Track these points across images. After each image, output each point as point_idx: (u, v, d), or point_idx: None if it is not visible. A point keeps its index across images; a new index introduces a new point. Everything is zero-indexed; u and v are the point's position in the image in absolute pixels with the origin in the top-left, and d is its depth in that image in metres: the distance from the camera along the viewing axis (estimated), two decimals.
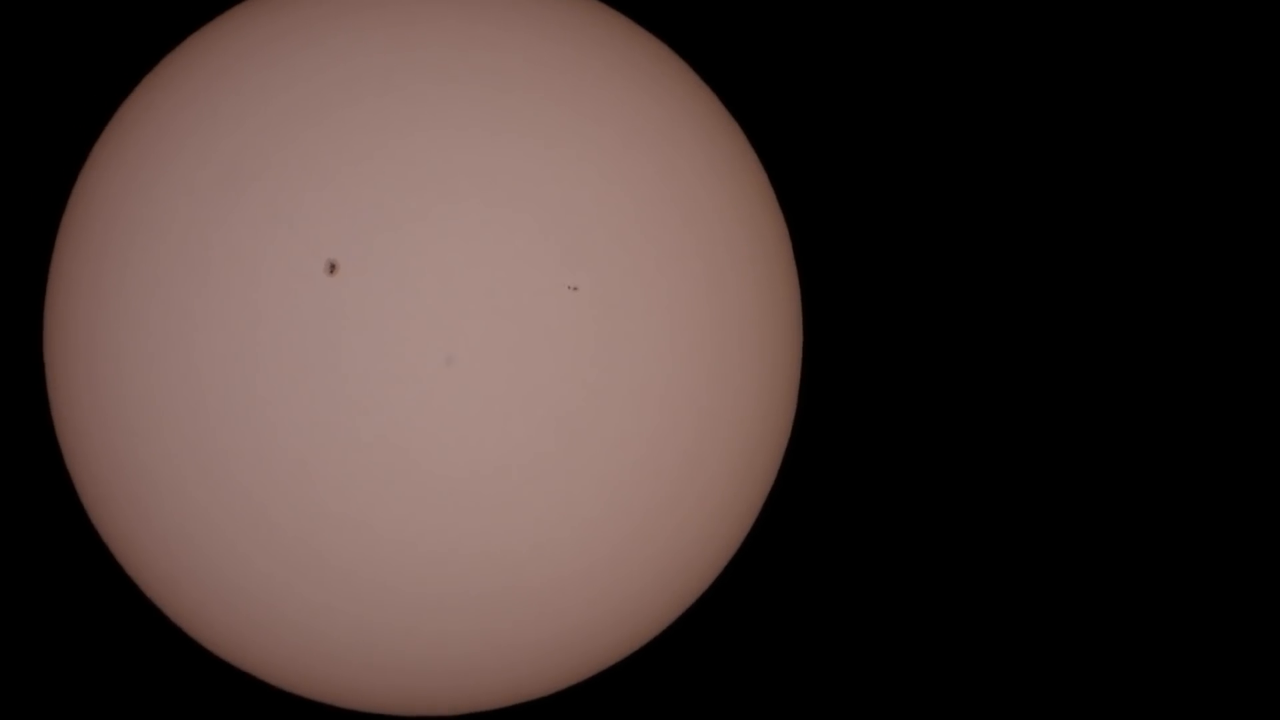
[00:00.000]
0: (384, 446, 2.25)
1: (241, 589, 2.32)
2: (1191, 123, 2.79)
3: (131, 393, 2.32)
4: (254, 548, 2.30)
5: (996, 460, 2.77)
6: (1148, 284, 2.77)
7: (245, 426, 2.27)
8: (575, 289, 2.27)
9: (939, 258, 2.76)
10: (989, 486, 2.77)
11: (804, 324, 2.54)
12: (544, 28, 2.36)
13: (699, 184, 2.37)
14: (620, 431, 2.30)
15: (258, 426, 2.27)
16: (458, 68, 2.30)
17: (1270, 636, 2.79)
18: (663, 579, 2.39)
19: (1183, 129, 2.79)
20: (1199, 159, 2.79)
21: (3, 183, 2.70)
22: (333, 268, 2.26)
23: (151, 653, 2.70)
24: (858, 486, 2.75)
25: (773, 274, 2.45)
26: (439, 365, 2.24)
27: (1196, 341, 2.78)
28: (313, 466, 2.26)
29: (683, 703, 2.75)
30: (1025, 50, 2.76)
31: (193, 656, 2.62)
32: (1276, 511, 2.78)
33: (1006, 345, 2.76)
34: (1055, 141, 2.77)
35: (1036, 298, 2.76)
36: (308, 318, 2.25)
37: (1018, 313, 2.76)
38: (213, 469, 2.28)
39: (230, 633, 2.39)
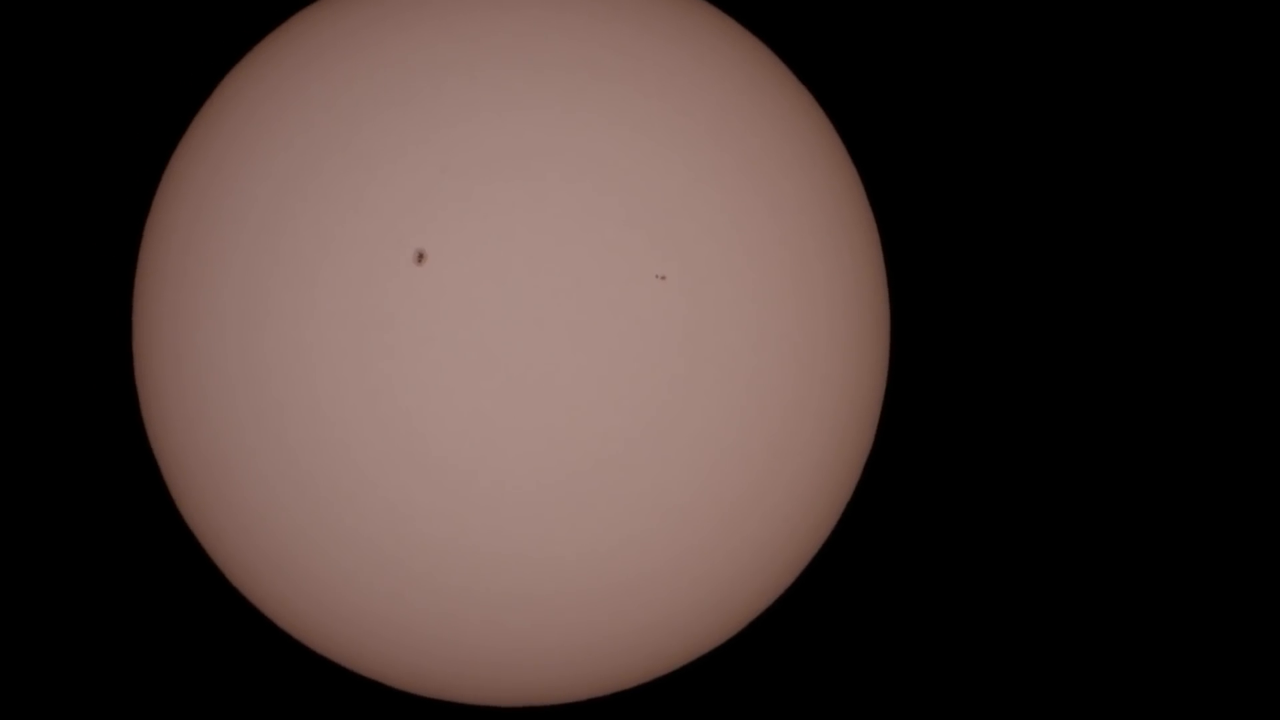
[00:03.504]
0: (471, 438, 2.24)
1: (327, 582, 2.33)
2: None
3: (216, 384, 2.32)
4: (334, 540, 2.30)
5: (1095, 448, 2.75)
6: (1256, 287, 2.75)
7: (333, 418, 2.27)
8: (663, 278, 2.26)
9: (1027, 245, 2.74)
10: (1084, 473, 2.75)
11: (891, 313, 2.53)
12: (631, 17, 2.35)
13: (785, 174, 2.36)
14: (708, 422, 2.29)
15: (345, 418, 2.26)
16: (545, 57, 2.29)
17: None
18: (750, 570, 2.38)
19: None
20: None
21: (97, 173, 2.71)
22: (421, 257, 2.25)
23: (233, 635, 2.71)
24: (947, 475, 2.73)
25: (859, 263, 2.44)
26: (526, 354, 2.24)
27: None
28: (399, 458, 2.25)
29: (771, 694, 2.74)
30: (1110, 53, 2.75)
31: (282, 645, 2.62)
32: None
33: (1096, 334, 2.75)
34: (1143, 137, 2.75)
35: (1124, 289, 2.74)
36: (397, 307, 2.24)
37: (1106, 302, 2.74)
38: (300, 460, 2.28)
39: (317, 624, 2.39)
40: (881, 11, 2.74)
